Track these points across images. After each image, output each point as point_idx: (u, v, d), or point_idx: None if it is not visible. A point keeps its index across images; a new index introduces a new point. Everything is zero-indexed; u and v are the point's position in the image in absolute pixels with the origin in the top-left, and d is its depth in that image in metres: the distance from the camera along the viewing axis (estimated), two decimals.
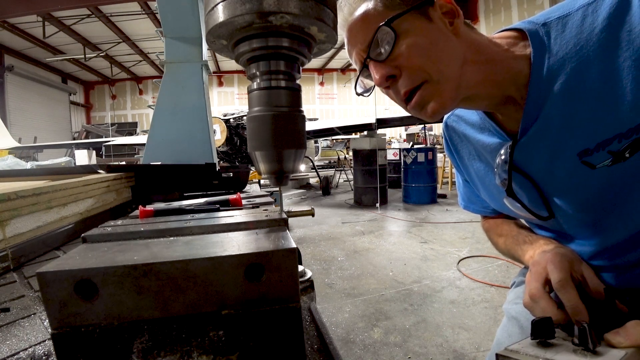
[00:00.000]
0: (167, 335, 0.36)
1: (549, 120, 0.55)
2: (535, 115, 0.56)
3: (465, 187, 0.87)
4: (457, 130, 0.76)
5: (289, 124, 0.50)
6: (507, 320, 0.78)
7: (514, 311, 0.77)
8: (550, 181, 0.60)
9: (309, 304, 0.57)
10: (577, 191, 0.58)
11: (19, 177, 1.26)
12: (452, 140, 0.79)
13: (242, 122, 6.25)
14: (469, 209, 0.89)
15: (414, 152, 6.18)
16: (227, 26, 0.45)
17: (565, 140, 0.55)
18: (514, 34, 0.59)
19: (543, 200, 0.63)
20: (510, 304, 0.82)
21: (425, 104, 0.56)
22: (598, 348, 0.42)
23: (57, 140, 12.69)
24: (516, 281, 0.89)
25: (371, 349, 1.96)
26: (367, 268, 3.17)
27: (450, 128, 0.78)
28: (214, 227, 0.50)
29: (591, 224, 0.61)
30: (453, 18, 0.55)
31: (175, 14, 2.04)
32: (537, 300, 0.53)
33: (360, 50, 0.58)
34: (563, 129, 0.54)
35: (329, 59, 16.99)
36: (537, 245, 0.66)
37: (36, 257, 0.73)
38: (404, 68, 0.54)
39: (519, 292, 0.83)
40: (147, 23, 11.03)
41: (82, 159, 8.72)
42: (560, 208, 0.62)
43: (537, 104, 0.55)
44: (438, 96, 0.55)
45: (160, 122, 2.06)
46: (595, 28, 0.49)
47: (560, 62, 0.52)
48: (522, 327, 0.71)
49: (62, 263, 0.36)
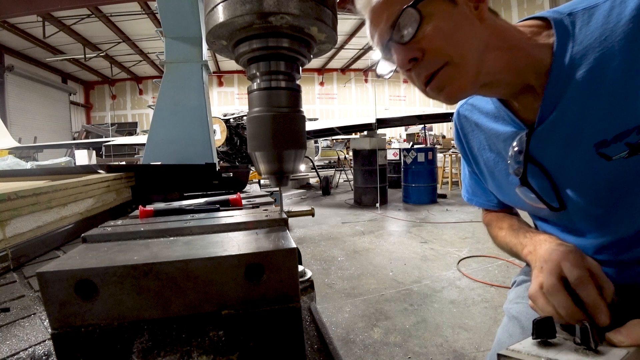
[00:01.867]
0: (167, 335, 0.36)
1: (567, 110, 0.55)
2: (554, 104, 0.56)
3: (471, 179, 0.87)
4: (469, 119, 0.76)
5: (289, 124, 0.50)
6: (507, 320, 0.78)
7: (514, 311, 0.76)
8: (563, 172, 0.60)
9: (309, 304, 0.57)
10: (591, 183, 0.58)
11: (19, 177, 1.26)
12: (463, 130, 0.79)
13: (242, 122, 6.25)
14: (472, 202, 0.88)
15: (414, 152, 6.18)
16: (227, 27, 0.45)
17: (582, 130, 0.55)
18: (538, 22, 0.58)
19: (555, 191, 0.62)
20: (511, 303, 0.81)
21: (444, 87, 0.55)
22: (600, 347, 0.42)
23: (57, 140, 12.68)
24: (517, 280, 0.89)
25: (371, 349, 1.96)
26: (367, 268, 3.17)
27: (463, 117, 0.78)
28: (214, 227, 0.50)
29: (600, 217, 0.61)
30: (478, 2, 0.54)
31: (175, 14, 2.04)
32: (553, 294, 0.51)
33: (382, 32, 0.56)
34: (581, 119, 0.54)
35: (329, 59, 16.99)
36: (536, 241, 0.65)
37: (36, 257, 0.73)
38: (427, 51, 0.53)
39: (520, 291, 0.82)
40: (147, 23, 11.02)
41: (82, 159, 8.71)
42: (572, 200, 0.61)
43: (557, 92, 0.55)
44: (458, 79, 0.55)
45: (160, 122, 2.06)
46: (622, 19, 0.49)
47: (583, 52, 0.52)
48: (523, 327, 0.70)
49: (62, 263, 0.36)
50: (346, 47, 14.71)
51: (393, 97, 19.82)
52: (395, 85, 19.81)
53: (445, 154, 7.68)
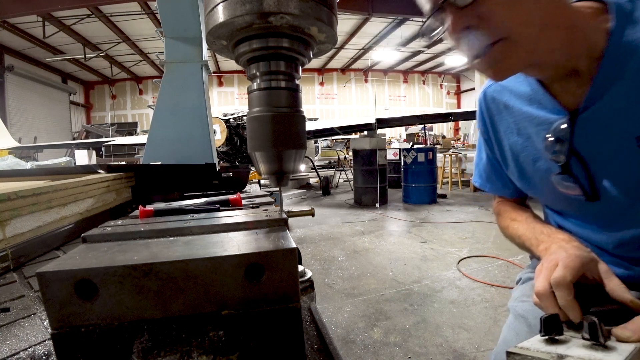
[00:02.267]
0: (167, 335, 0.36)
1: (616, 98, 0.53)
2: (603, 91, 0.54)
3: (487, 164, 0.83)
4: (497, 100, 0.72)
5: (289, 124, 0.50)
6: (513, 318, 0.76)
7: (520, 309, 0.75)
8: (600, 161, 0.58)
9: (309, 304, 0.57)
10: (628, 175, 0.57)
11: (19, 177, 1.26)
12: (489, 111, 0.75)
13: (242, 122, 6.25)
14: (485, 188, 0.86)
15: (414, 152, 6.18)
16: (227, 27, 0.45)
17: (626, 121, 0.53)
18: (595, 5, 0.56)
19: (589, 180, 0.61)
20: (517, 301, 0.79)
21: (497, 63, 0.52)
22: (608, 342, 0.42)
23: (57, 140, 12.67)
24: (522, 277, 0.87)
25: (371, 349, 1.96)
26: (367, 268, 3.17)
27: (490, 98, 0.74)
28: (214, 227, 0.50)
29: (630, 209, 0.59)
30: None
31: (175, 14, 2.04)
32: (542, 298, 0.52)
33: None
34: (627, 109, 0.53)
35: (329, 59, 16.98)
36: (554, 238, 0.63)
37: (36, 257, 0.73)
38: (485, 20, 0.48)
39: (525, 289, 0.81)
40: (147, 23, 11.02)
41: (82, 159, 8.70)
42: (606, 190, 0.60)
43: (609, 79, 0.53)
44: (511, 57, 0.51)
45: (160, 122, 2.06)
46: None
47: None
48: (530, 325, 0.69)
49: (62, 263, 0.36)
50: (346, 47, 14.70)
51: (393, 97, 19.82)
52: (395, 85, 19.82)
53: (445, 154, 7.69)
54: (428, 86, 20.42)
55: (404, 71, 19.62)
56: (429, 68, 19.27)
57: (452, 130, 19.51)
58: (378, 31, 13.04)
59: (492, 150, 0.80)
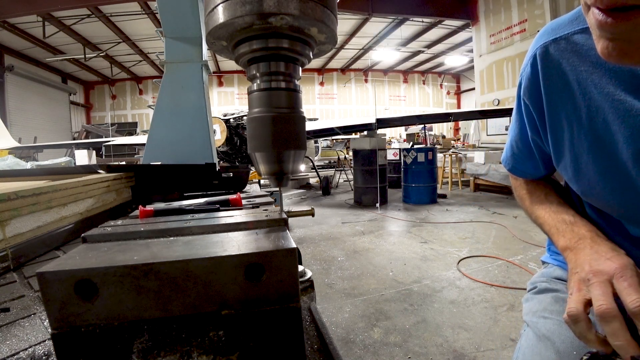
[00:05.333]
0: (167, 335, 0.36)
1: None
2: None
3: (523, 143, 0.71)
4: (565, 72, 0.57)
5: (289, 125, 0.51)
6: (535, 338, 0.66)
7: (544, 329, 0.65)
8: None
9: (309, 304, 0.57)
10: None
11: (19, 177, 1.26)
12: (545, 74, 0.60)
13: (242, 122, 6.25)
14: (515, 172, 0.78)
15: (414, 152, 6.18)
16: (227, 27, 0.45)
17: None
18: None
19: None
20: (537, 317, 0.69)
21: None
22: None
23: (57, 140, 12.68)
24: (537, 286, 0.76)
25: (371, 349, 1.96)
26: (367, 268, 3.17)
27: (554, 62, 0.58)
28: (214, 227, 0.50)
29: None
30: None
31: (175, 14, 2.04)
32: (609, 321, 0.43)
33: None
34: None
35: (329, 59, 16.98)
36: (579, 234, 0.56)
37: (36, 257, 0.73)
38: None
39: (547, 303, 0.70)
40: (147, 23, 11.02)
41: (82, 159, 8.70)
42: None
43: None
44: None
45: (160, 122, 2.06)
46: None
47: None
48: (559, 351, 0.59)
49: (62, 263, 0.36)
50: (346, 47, 14.71)
51: (393, 97, 19.82)
52: (395, 85, 19.82)
53: (445, 154, 7.69)
54: (428, 86, 20.44)
55: (404, 71, 19.63)
56: (429, 68, 19.28)
57: (452, 130, 19.52)
58: (378, 31, 13.05)
59: (534, 125, 0.65)
